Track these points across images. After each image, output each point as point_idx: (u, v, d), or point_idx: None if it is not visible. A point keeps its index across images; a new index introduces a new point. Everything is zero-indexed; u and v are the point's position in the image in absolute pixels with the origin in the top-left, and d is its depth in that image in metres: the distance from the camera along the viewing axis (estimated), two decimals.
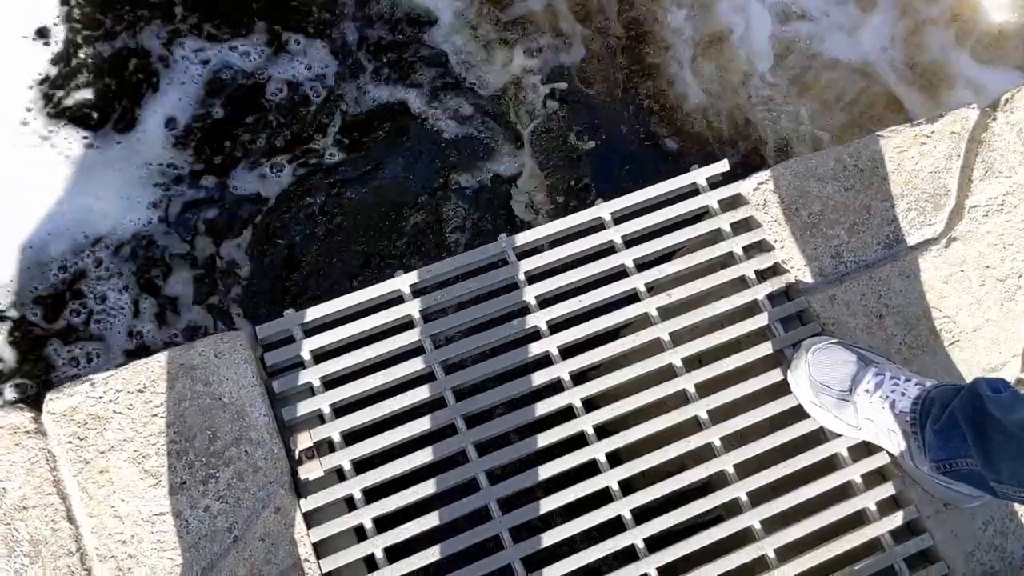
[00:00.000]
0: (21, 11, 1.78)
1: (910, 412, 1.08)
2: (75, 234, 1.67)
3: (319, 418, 1.20)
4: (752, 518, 1.19)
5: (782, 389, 1.24)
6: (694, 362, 1.26)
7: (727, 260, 1.32)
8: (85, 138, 1.67)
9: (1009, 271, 1.32)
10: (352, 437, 1.19)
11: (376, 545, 1.14)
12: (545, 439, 1.20)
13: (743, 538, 1.19)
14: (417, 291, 1.26)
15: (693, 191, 1.35)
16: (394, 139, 1.73)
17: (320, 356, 1.22)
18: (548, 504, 1.17)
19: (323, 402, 1.19)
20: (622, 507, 1.18)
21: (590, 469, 1.21)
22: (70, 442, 1.13)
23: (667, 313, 1.27)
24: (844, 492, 1.22)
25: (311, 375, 1.20)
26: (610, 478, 1.19)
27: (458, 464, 1.19)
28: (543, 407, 1.22)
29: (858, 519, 1.21)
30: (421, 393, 1.21)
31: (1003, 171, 1.37)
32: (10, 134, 1.68)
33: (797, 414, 1.23)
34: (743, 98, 1.83)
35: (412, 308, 1.24)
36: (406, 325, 1.25)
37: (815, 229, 1.32)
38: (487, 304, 1.26)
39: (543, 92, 1.79)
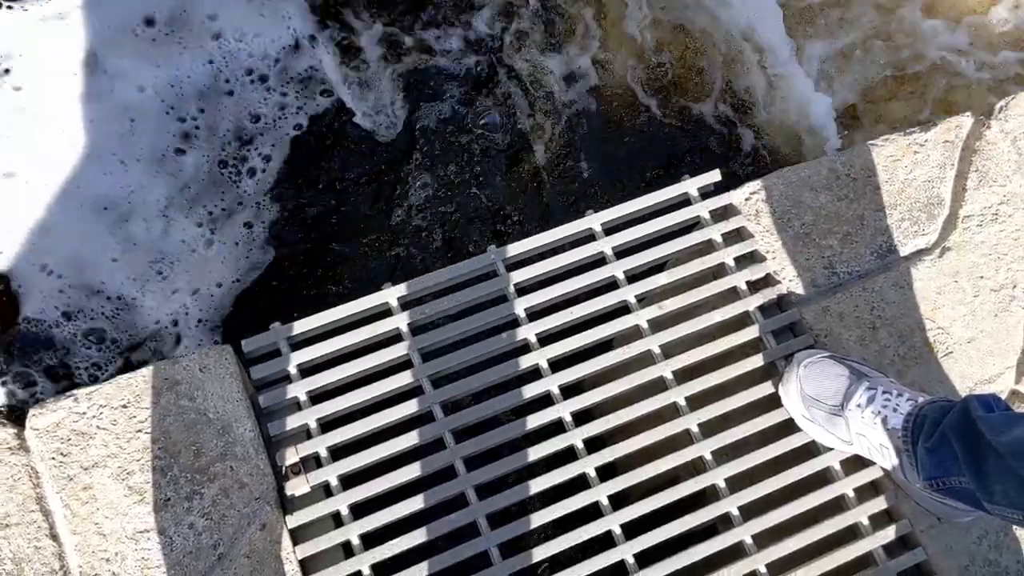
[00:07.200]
0: None
1: (902, 428, 1.07)
2: None
3: (305, 433, 1.18)
4: (744, 532, 1.18)
5: (774, 402, 1.23)
6: (685, 375, 1.25)
7: (718, 271, 1.31)
8: None
9: (1003, 281, 1.30)
10: (339, 452, 1.18)
11: (363, 562, 1.12)
12: (535, 453, 1.19)
13: (734, 553, 1.18)
14: (405, 304, 1.25)
15: (684, 201, 1.34)
16: None
17: (307, 370, 1.21)
18: (537, 519, 1.16)
19: (310, 417, 1.18)
20: (612, 522, 1.17)
21: (580, 483, 1.19)
22: (53, 458, 1.11)
23: (658, 325, 1.26)
24: (836, 506, 1.21)
25: (297, 389, 1.18)
26: (600, 492, 1.18)
27: (446, 479, 1.17)
28: (533, 421, 1.20)
29: (851, 533, 1.20)
30: (409, 407, 1.19)
31: (997, 180, 1.36)
32: None
33: (788, 427, 1.22)
34: None
35: (400, 321, 1.23)
36: (394, 338, 1.23)
37: (807, 239, 1.31)
38: (476, 317, 1.25)
39: None
